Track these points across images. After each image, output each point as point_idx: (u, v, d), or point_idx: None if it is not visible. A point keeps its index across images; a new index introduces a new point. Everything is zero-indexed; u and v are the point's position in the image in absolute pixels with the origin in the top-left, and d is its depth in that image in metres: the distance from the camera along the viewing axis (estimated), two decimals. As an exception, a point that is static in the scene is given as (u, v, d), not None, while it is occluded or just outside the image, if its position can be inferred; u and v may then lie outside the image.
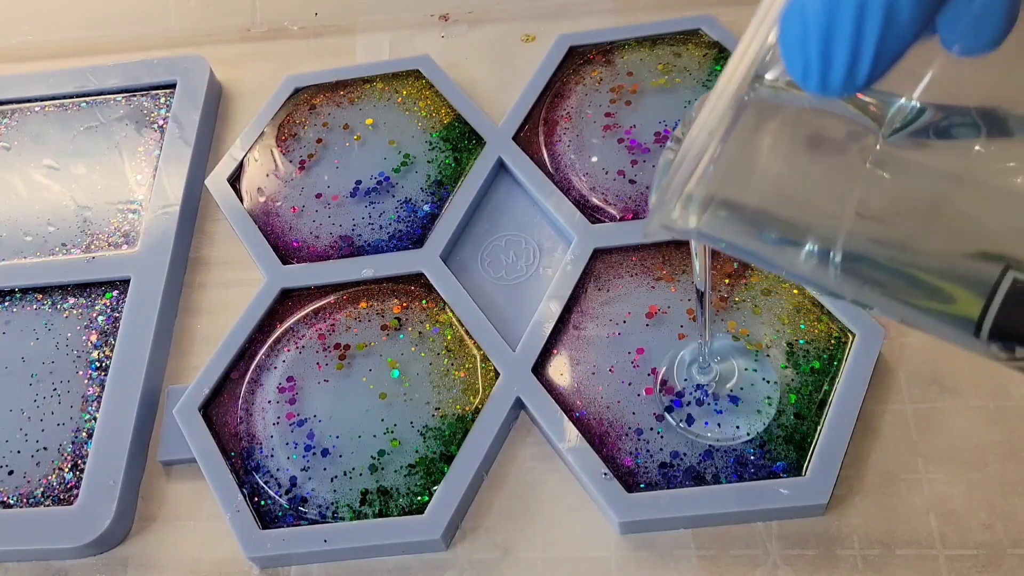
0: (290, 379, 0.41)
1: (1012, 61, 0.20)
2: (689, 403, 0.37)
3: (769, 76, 0.22)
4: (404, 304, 0.42)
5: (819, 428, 0.36)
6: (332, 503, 0.37)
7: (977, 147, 0.21)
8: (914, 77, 0.21)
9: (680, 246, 0.42)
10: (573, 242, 0.43)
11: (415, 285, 0.43)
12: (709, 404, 0.37)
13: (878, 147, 0.22)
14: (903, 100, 0.22)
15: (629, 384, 0.38)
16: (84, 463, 0.40)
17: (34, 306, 0.45)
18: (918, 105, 0.21)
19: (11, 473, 0.40)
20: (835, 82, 0.19)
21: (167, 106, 0.51)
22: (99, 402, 0.41)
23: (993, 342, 0.21)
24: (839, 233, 0.22)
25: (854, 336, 0.38)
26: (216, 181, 0.48)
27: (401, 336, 0.41)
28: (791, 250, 0.23)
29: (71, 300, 0.45)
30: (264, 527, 0.37)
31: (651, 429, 0.37)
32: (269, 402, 0.40)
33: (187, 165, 0.49)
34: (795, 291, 0.40)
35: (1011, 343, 0.21)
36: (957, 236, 0.21)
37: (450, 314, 0.42)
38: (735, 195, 0.24)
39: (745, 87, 0.21)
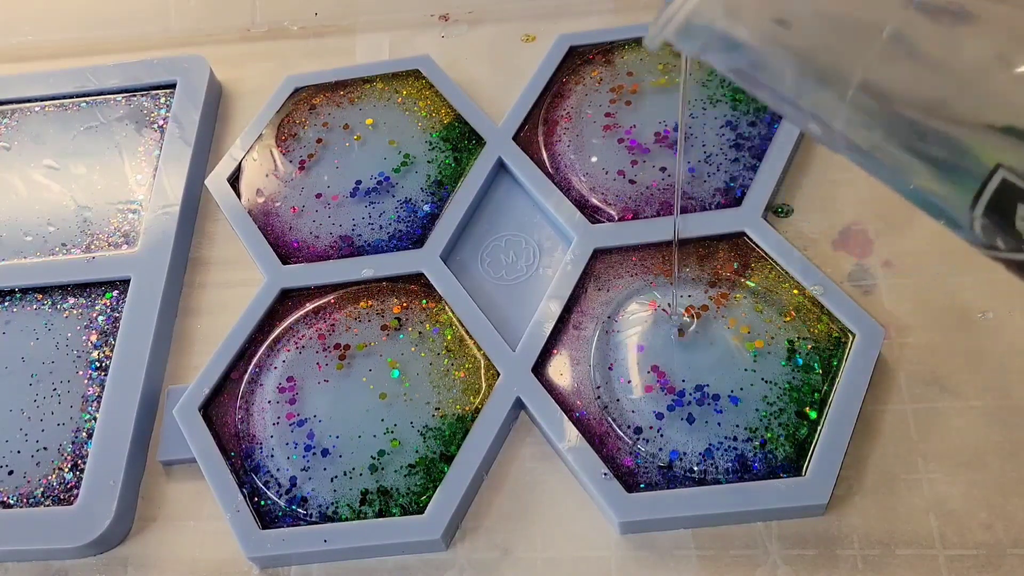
0: (290, 379, 0.41)
1: None
2: (689, 403, 0.37)
3: None
4: (404, 304, 0.42)
5: (819, 428, 0.36)
6: (332, 503, 0.37)
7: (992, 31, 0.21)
8: None
9: (680, 247, 0.42)
10: (573, 242, 0.43)
11: (415, 285, 0.43)
12: (709, 404, 0.37)
13: (907, 10, 0.22)
14: None
15: (629, 382, 0.38)
16: (84, 463, 0.40)
17: (34, 306, 0.45)
18: None
19: (11, 473, 0.40)
20: None
21: (167, 106, 0.51)
22: (99, 402, 0.41)
23: (984, 232, 0.21)
24: (851, 84, 0.22)
25: (854, 336, 0.38)
26: (216, 181, 0.48)
27: (401, 336, 0.41)
28: (800, 84, 0.23)
29: (71, 300, 0.45)
30: (264, 527, 0.37)
31: (651, 428, 0.37)
32: (269, 402, 0.40)
33: (187, 165, 0.49)
34: (795, 291, 0.40)
35: (996, 236, 0.21)
36: (967, 110, 0.21)
37: (450, 314, 0.42)
38: (753, 17, 0.23)
39: None
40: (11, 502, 0.39)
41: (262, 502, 0.38)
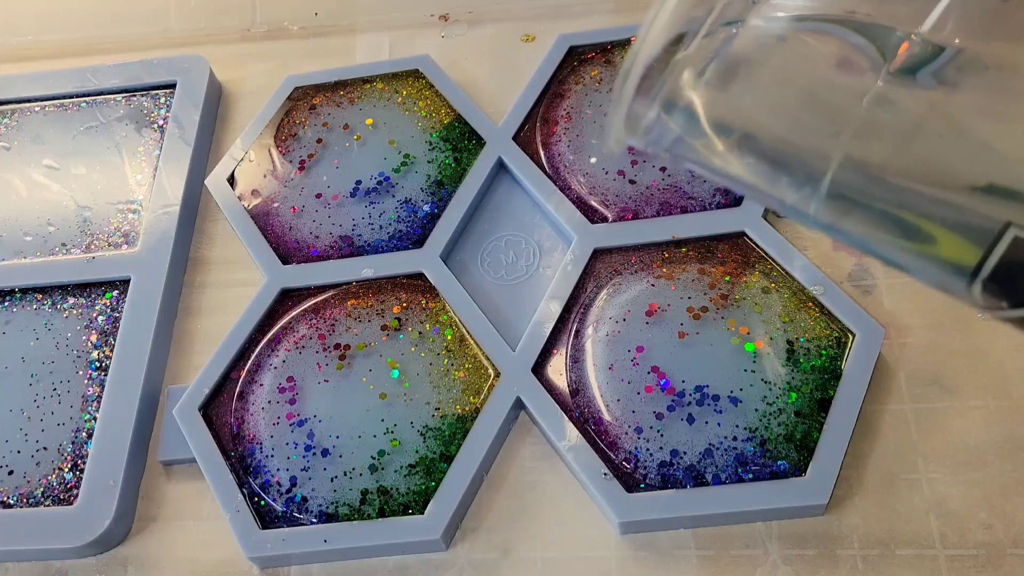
0: (290, 379, 0.41)
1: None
2: (689, 403, 0.37)
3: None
4: (404, 304, 0.42)
5: (819, 428, 0.36)
6: (332, 503, 0.37)
7: (981, 95, 0.20)
8: (923, 13, 0.20)
9: (680, 247, 0.42)
10: (573, 242, 0.43)
11: (415, 285, 0.43)
12: (709, 404, 0.37)
13: (880, 83, 0.21)
14: (911, 35, 0.20)
15: (629, 383, 0.38)
16: (84, 463, 0.40)
17: (34, 306, 0.45)
18: (927, 43, 0.20)
19: (11, 473, 0.40)
20: None
21: (167, 106, 0.51)
22: (99, 402, 0.41)
23: (984, 294, 0.20)
24: (828, 168, 0.21)
25: (854, 336, 0.38)
26: (216, 181, 0.48)
27: (401, 336, 0.41)
28: (772, 175, 0.22)
29: (71, 300, 0.45)
30: (264, 527, 0.37)
31: (651, 428, 0.37)
32: (269, 402, 0.40)
33: (187, 165, 0.49)
34: (795, 291, 0.40)
35: (1001, 297, 0.20)
36: (950, 179, 0.20)
37: (450, 314, 0.42)
38: (721, 115, 0.23)
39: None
40: (11, 502, 0.39)
41: (262, 502, 0.38)
